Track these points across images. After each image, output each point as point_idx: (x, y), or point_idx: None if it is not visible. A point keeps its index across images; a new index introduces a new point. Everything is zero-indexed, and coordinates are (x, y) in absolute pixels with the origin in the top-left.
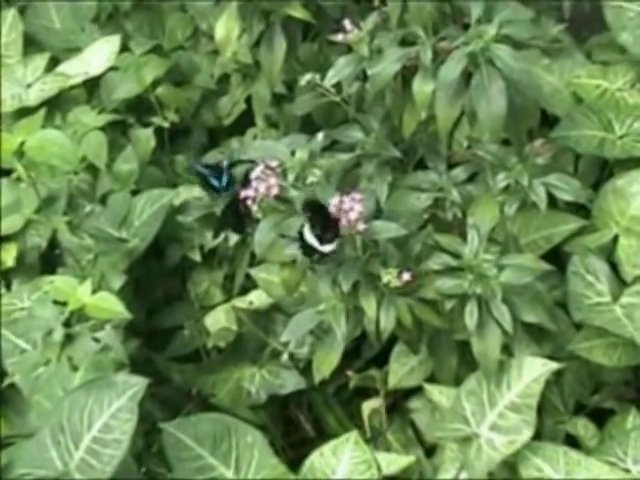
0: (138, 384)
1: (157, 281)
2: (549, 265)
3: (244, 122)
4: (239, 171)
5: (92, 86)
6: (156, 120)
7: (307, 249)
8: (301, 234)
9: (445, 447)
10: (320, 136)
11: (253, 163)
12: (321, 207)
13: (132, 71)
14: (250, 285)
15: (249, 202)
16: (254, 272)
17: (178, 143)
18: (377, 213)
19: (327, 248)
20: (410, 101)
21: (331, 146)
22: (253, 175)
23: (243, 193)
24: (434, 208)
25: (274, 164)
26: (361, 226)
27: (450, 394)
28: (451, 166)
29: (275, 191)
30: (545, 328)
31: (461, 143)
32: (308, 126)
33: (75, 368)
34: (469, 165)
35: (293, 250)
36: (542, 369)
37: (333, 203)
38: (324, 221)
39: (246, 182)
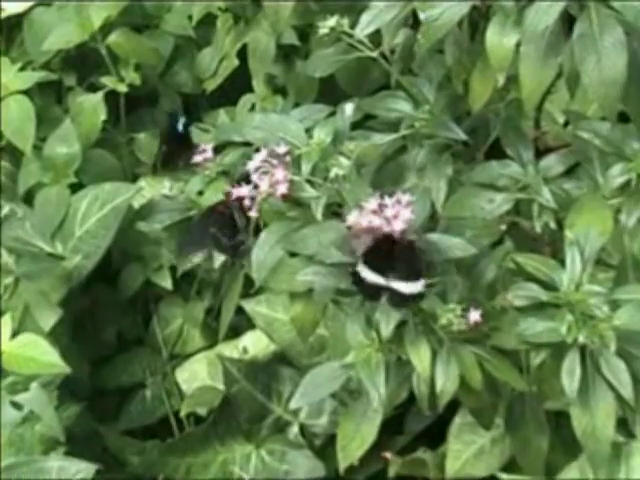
0: (80, 471)
1: (108, 318)
2: None
3: (236, 86)
4: (230, 159)
5: (11, 29)
6: (108, 82)
7: (371, 291)
8: (356, 274)
9: None
10: (348, 108)
11: (250, 147)
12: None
13: (72, 9)
14: (244, 324)
15: (246, 204)
16: (250, 306)
17: (139, 115)
18: (432, 222)
19: (413, 288)
20: (482, 59)
21: (364, 123)
22: (251, 165)
23: (236, 192)
24: (515, 215)
25: (281, 149)
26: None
27: None
28: (540, 153)
29: (283, 189)
30: None
31: (555, 120)
32: (330, 94)
33: None
34: (567, 152)
35: (309, 275)
36: None
37: (369, 208)
38: (392, 247)
39: (241, 176)
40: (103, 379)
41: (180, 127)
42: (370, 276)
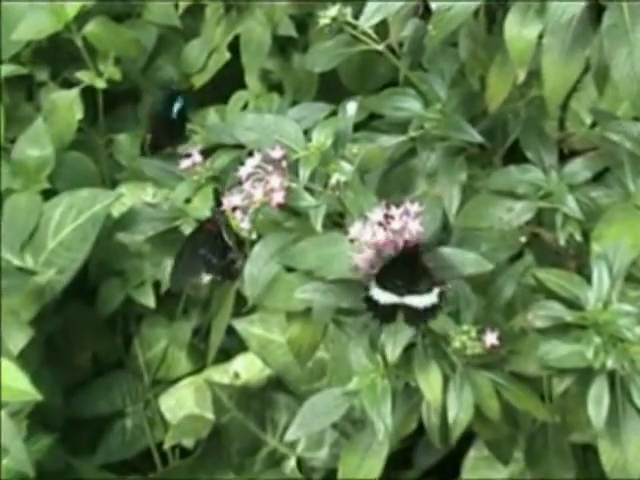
0: None
1: (84, 339)
2: None
3: (227, 82)
4: (220, 164)
5: None
6: (84, 77)
7: (386, 312)
8: (369, 299)
9: None
10: (351, 107)
11: (242, 150)
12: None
13: None
14: (235, 346)
15: (237, 216)
16: (242, 326)
17: (120, 114)
18: (444, 234)
19: (427, 301)
20: (500, 52)
21: (369, 123)
22: (243, 171)
23: (227, 201)
24: (536, 226)
25: (277, 153)
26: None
27: None
28: (565, 157)
29: (279, 197)
30: None
31: (582, 120)
32: (331, 91)
33: None
34: (594, 156)
35: (308, 292)
36: None
37: (374, 219)
38: (403, 260)
39: (232, 183)
40: (78, 407)
41: (175, 110)
42: (384, 297)
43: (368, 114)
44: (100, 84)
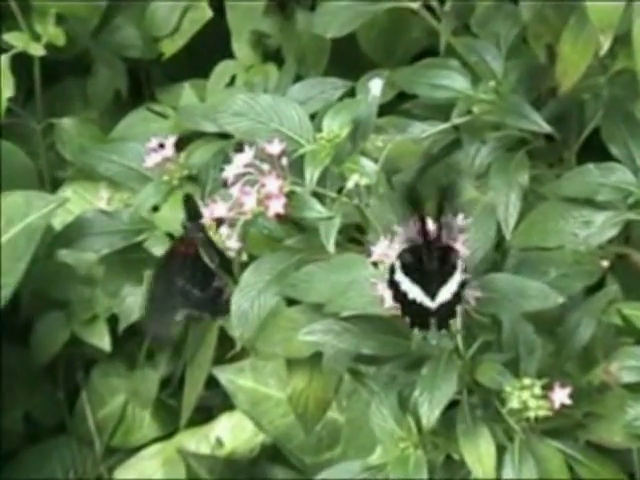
0: None
1: (14, 394)
2: None
3: (208, 50)
4: (199, 159)
5: None
6: (16, 41)
7: (409, 306)
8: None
9: None
10: (376, 85)
11: (227, 142)
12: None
13: None
14: (217, 403)
15: (222, 231)
16: (227, 376)
17: (64, 91)
18: (497, 256)
19: (438, 300)
20: (576, 12)
21: (398, 106)
22: (230, 171)
23: (208, 211)
24: (624, 244)
25: (275, 147)
26: (471, 292)
27: None
28: None
29: (277, 206)
30: None
31: None
32: (348, 63)
33: None
34: None
35: (316, 333)
36: None
37: (404, 235)
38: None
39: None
40: None
41: None
42: (414, 291)
43: (397, 94)
44: (37, 50)
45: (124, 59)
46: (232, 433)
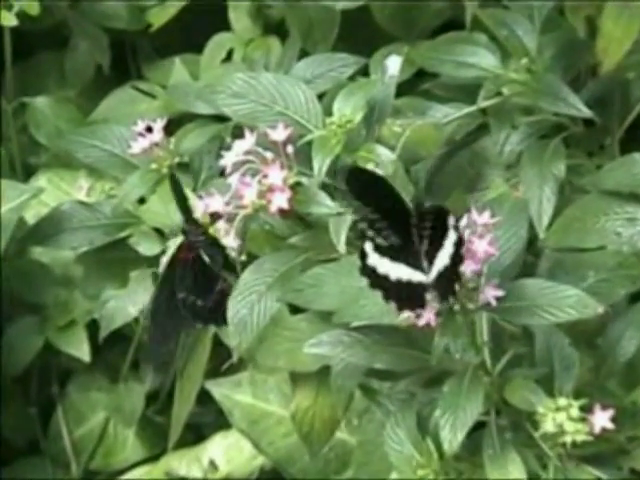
0: None
1: None
2: None
3: (201, 21)
4: (191, 144)
5: None
6: None
7: (394, 289)
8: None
9: None
10: (393, 62)
11: (225, 126)
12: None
13: None
14: (211, 421)
15: (219, 227)
16: (222, 391)
17: (38, 66)
18: (529, 257)
19: (435, 269)
20: None
21: (418, 86)
22: (228, 159)
23: (202, 205)
24: None
25: (279, 133)
26: (491, 291)
27: None
28: None
29: (282, 200)
30: None
31: None
32: (361, 37)
33: None
34: None
35: (324, 345)
36: None
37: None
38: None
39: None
40: None
41: None
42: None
43: (416, 72)
44: (9, 20)
45: (106, 30)
46: (227, 455)
